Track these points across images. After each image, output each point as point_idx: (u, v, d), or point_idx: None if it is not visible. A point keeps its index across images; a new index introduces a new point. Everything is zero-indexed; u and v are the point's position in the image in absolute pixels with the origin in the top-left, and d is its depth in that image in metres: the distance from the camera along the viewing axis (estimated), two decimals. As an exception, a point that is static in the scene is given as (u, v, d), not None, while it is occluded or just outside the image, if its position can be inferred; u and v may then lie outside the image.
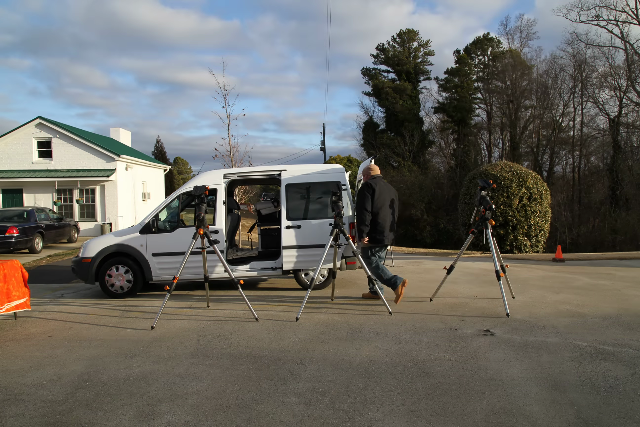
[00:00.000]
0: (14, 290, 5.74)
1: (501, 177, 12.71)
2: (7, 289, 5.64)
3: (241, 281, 5.72)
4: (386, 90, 41.93)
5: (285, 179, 7.31)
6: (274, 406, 3.29)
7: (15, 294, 5.76)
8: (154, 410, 3.28)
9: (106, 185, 21.66)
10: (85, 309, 6.58)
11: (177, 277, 5.52)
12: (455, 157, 39.24)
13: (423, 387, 3.54)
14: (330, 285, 6.85)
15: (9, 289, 5.66)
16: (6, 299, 5.62)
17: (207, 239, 5.73)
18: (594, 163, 35.66)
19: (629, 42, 30.50)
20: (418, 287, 7.41)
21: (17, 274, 5.85)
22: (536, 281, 7.84)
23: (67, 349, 4.72)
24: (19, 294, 5.82)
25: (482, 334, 4.84)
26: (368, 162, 7.24)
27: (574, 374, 3.72)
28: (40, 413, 3.28)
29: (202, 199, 5.79)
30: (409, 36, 44.38)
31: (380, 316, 5.62)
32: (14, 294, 5.74)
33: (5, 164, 21.58)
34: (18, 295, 5.80)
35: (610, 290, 7.01)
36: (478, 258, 11.15)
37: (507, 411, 3.13)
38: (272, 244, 8.23)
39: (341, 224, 5.84)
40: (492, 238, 5.85)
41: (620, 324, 5.08)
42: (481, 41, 43.12)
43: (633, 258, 11.01)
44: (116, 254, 7.20)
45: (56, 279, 9.40)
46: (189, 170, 65.75)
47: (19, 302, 5.79)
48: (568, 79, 34.71)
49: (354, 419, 3.08)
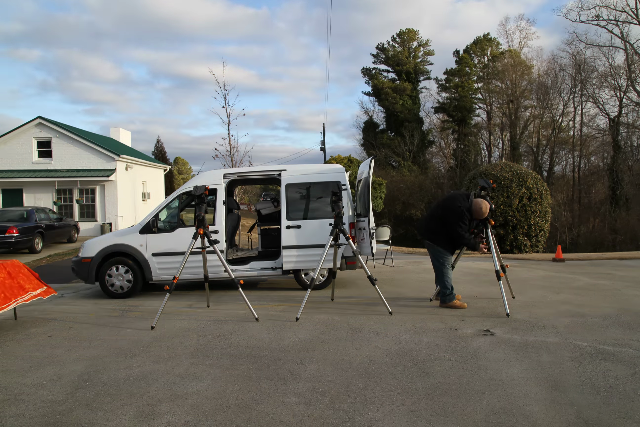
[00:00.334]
0: (25, 283, 5.83)
1: (501, 177, 12.72)
2: (18, 283, 5.72)
3: (241, 280, 5.72)
4: (386, 90, 41.97)
5: (285, 179, 7.31)
6: (274, 406, 3.28)
7: (29, 286, 5.85)
8: (154, 410, 3.28)
9: (106, 185, 21.66)
10: (85, 309, 6.58)
11: (177, 277, 5.52)
12: (455, 157, 39.29)
13: (423, 387, 3.54)
14: (330, 285, 6.86)
15: (20, 283, 5.74)
16: (21, 291, 5.72)
17: (207, 239, 5.73)
18: (594, 163, 35.68)
19: (629, 42, 30.51)
20: (418, 287, 7.41)
21: (23, 271, 5.93)
22: (536, 281, 7.84)
23: (67, 349, 4.72)
24: (33, 286, 5.90)
25: (482, 334, 4.83)
26: (368, 162, 7.24)
27: (574, 374, 3.72)
28: (40, 413, 3.28)
29: (202, 198, 5.77)
30: (409, 36, 44.41)
31: (380, 316, 5.62)
32: (27, 287, 5.83)
33: (5, 164, 21.58)
34: (32, 287, 5.88)
35: (610, 290, 7.01)
36: (478, 258, 11.15)
37: (507, 411, 3.13)
38: (272, 244, 8.23)
39: (341, 224, 5.81)
40: (492, 238, 5.85)
41: (620, 324, 5.08)
42: (481, 41, 43.18)
43: (633, 258, 11.02)
44: (116, 254, 7.20)
45: (56, 279, 9.40)
46: (189, 170, 65.79)
47: (35, 293, 5.87)
48: (568, 78, 34.74)
49: (354, 419, 3.08)
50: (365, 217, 7.04)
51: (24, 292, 5.73)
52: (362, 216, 7.24)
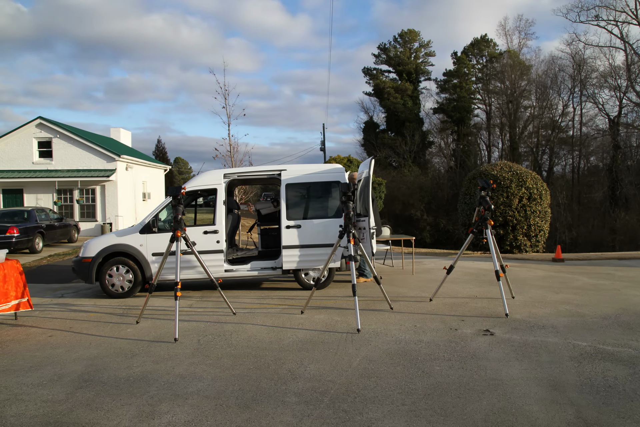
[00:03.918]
0: (12, 290, 5.76)
1: (501, 177, 12.72)
2: (6, 289, 5.66)
3: (219, 280, 5.83)
4: (387, 90, 41.98)
5: (285, 179, 7.31)
6: (274, 406, 3.29)
7: (13, 294, 5.78)
8: (154, 410, 3.28)
9: (106, 185, 21.65)
10: (85, 309, 6.59)
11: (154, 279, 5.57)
12: (455, 158, 39.28)
13: (423, 387, 3.55)
14: (330, 285, 6.87)
15: (7, 289, 5.67)
16: (4, 299, 5.64)
17: (186, 242, 5.58)
18: (593, 163, 35.71)
19: (629, 42, 30.56)
20: (418, 287, 7.42)
21: (16, 275, 5.86)
22: (536, 281, 7.84)
23: (68, 349, 4.73)
24: (16, 294, 5.83)
25: (481, 334, 4.84)
26: (368, 162, 7.24)
27: (573, 374, 3.72)
28: (40, 413, 3.29)
29: (178, 200, 5.55)
30: (410, 36, 44.42)
31: (380, 316, 5.63)
32: (11, 295, 5.76)
33: (6, 164, 21.58)
34: (15, 295, 5.81)
35: (609, 290, 7.01)
36: (478, 258, 11.15)
37: (507, 411, 3.13)
38: (272, 243, 8.24)
39: (351, 225, 5.57)
40: (492, 238, 5.85)
41: (620, 324, 5.09)
42: (479, 42, 43.22)
43: (632, 258, 11.02)
44: (116, 253, 7.20)
45: (56, 279, 9.40)
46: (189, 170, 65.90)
47: (17, 302, 5.80)
48: (567, 79, 34.77)
49: (354, 419, 3.08)
50: (365, 217, 7.04)
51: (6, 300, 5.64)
52: (362, 216, 7.24)
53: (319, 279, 5.84)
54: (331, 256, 5.78)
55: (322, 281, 7.50)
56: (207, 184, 7.32)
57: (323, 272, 5.88)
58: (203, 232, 7.09)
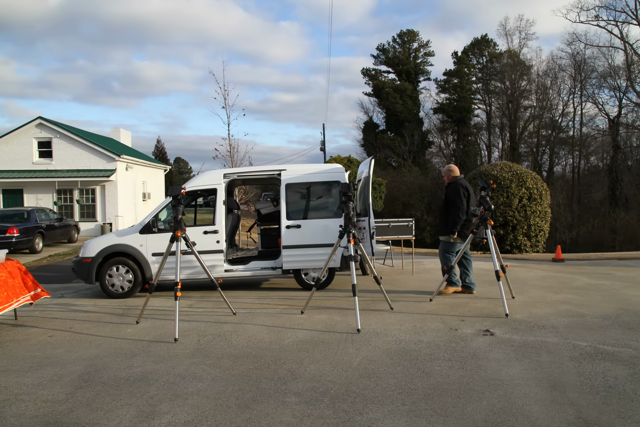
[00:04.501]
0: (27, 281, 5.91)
1: (501, 177, 12.72)
2: (20, 283, 5.76)
3: (219, 280, 5.83)
4: (387, 91, 41.99)
5: (285, 179, 7.31)
6: (274, 406, 3.29)
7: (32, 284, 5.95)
8: (154, 410, 3.28)
9: (106, 185, 21.66)
10: (85, 309, 6.58)
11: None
12: (455, 158, 39.25)
13: (423, 387, 3.55)
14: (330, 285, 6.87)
15: (20, 283, 5.78)
16: (25, 290, 5.78)
17: (186, 242, 5.58)
18: (593, 163, 35.75)
19: (629, 42, 30.57)
20: (418, 287, 7.42)
21: (20, 273, 5.95)
22: (536, 281, 7.84)
23: (67, 349, 4.73)
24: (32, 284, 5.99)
25: (482, 334, 4.84)
26: (368, 162, 7.24)
27: (573, 374, 3.72)
28: (40, 413, 3.29)
29: (178, 200, 5.53)
30: (409, 37, 44.45)
31: (380, 316, 5.63)
32: (30, 284, 5.92)
33: (6, 164, 21.58)
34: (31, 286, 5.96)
35: (609, 290, 7.01)
36: (478, 258, 11.14)
37: (507, 411, 3.13)
38: (272, 243, 8.24)
39: (351, 225, 5.57)
40: (492, 238, 5.85)
41: (620, 324, 5.09)
42: (479, 42, 43.23)
43: (632, 258, 11.02)
44: (116, 254, 7.20)
45: (56, 279, 9.41)
46: (189, 170, 65.92)
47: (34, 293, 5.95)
48: (567, 79, 34.79)
49: (354, 419, 3.08)
50: (365, 217, 7.05)
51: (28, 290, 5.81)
52: (362, 216, 7.25)
53: (319, 279, 5.83)
54: (331, 256, 5.79)
55: (322, 281, 7.51)
56: (207, 184, 7.31)
57: (323, 272, 5.89)
58: (203, 232, 7.09)
